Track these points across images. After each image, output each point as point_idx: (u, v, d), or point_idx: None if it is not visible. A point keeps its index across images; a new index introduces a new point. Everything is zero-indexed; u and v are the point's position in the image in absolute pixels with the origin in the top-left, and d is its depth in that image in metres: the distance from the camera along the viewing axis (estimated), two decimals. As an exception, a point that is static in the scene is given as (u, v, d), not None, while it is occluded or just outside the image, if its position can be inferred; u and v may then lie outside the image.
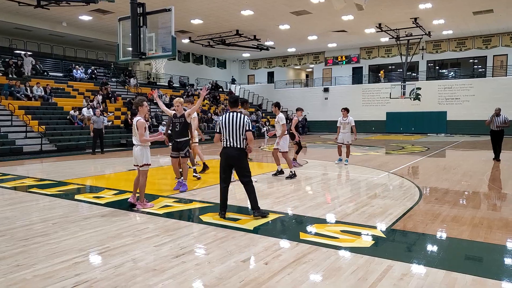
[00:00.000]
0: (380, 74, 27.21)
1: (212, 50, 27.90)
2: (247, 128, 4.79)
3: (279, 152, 8.16)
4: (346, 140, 10.19)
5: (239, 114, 4.83)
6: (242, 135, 4.76)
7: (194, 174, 7.89)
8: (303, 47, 29.25)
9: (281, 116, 8.15)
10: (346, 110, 10.17)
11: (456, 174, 8.60)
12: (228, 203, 5.73)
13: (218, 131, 4.90)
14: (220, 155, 4.89)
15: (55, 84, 19.25)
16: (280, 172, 8.29)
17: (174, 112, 6.80)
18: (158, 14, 6.80)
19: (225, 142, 4.81)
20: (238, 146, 4.77)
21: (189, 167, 7.72)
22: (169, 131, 7.19)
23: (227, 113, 4.86)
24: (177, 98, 6.95)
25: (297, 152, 10.08)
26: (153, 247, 3.83)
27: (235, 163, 4.83)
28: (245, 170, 4.88)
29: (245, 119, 4.82)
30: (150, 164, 5.50)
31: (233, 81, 33.46)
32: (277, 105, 8.36)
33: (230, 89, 32.58)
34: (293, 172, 8.03)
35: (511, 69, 24.84)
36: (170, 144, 7.07)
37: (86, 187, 7.46)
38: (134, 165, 5.52)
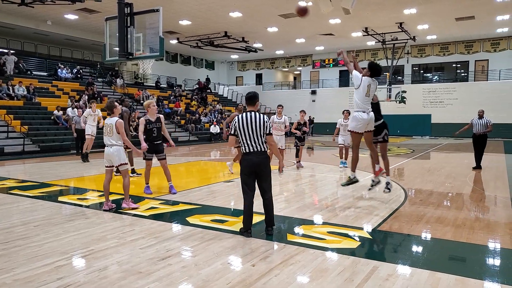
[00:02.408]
0: (387, 76, 27.06)
1: (200, 51, 27.76)
2: (268, 132, 4.21)
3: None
4: (347, 142, 9.97)
5: (257, 114, 4.26)
6: (264, 137, 4.23)
7: (132, 174, 8.43)
8: (291, 49, 29.41)
9: (286, 118, 9.27)
10: (348, 112, 9.74)
11: (440, 176, 8.77)
12: (214, 205, 5.73)
13: (232, 133, 4.30)
14: (241, 161, 4.34)
15: (39, 84, 18.80)
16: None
17: (147, 118, 6.32)
18: (146, 14, 6.74)
19: (245, 147, 4.23)
20: (262, 150, 4.22)
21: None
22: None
23: (244, 114, 4.26)
24: (152, 101, 6.51)
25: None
26: (138, 249, 3.77)
27: (258, 170, 4.22)
28: (269, 179, 4.30)
29: (265, 118, 4.25)
30: (127, 163, 5.48)
31: (207, 80, 31.70)
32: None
33: (198, 82, 30.68)
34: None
35: (491, 74, 25.59)
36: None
37: (70, 189, 7.30)
38: (107, 167, 5.38)
